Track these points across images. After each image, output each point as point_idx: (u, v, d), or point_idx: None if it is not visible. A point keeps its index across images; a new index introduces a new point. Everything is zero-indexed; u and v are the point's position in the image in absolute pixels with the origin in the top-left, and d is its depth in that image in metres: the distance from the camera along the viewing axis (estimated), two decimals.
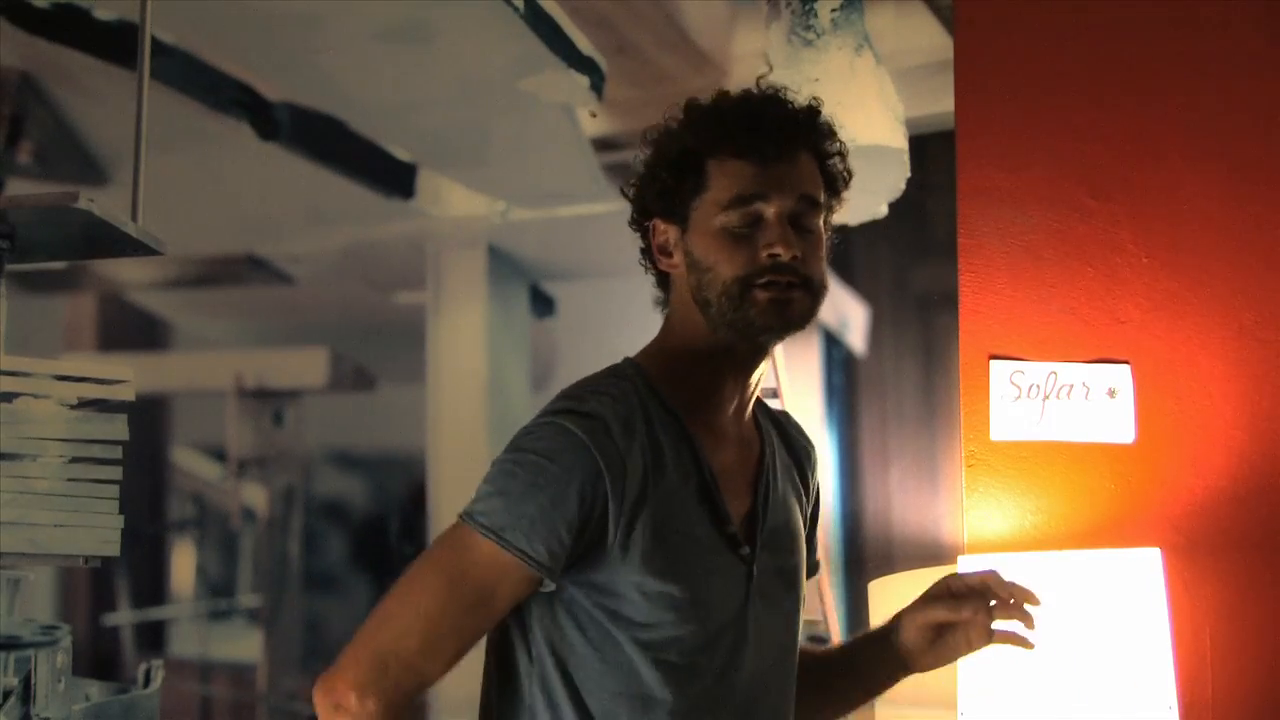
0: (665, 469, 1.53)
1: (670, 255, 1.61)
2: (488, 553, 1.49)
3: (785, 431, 1.74)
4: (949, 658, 1.69)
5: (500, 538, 1.48)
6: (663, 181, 1.60)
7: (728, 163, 1.56)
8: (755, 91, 1.62)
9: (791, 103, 1.61)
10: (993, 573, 1.67)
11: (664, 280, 1.64)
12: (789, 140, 1.57)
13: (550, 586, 1.51)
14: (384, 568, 2.92)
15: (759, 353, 1.61)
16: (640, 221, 1.64)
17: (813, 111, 1.62)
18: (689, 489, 1.55)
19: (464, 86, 2.92)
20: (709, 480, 1.56)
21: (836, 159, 1.62)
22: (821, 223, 1.60)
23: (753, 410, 1.67)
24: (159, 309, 3.04)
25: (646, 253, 1.64)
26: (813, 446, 1.77)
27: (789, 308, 1.55)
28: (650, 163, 1.64)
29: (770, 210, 1.55)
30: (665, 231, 1.61)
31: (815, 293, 1.58)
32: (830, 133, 1.62)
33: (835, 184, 1.62)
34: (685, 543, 1.54)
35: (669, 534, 1.52)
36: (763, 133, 1.56)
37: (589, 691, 1.52)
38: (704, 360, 1.60)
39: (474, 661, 1.57)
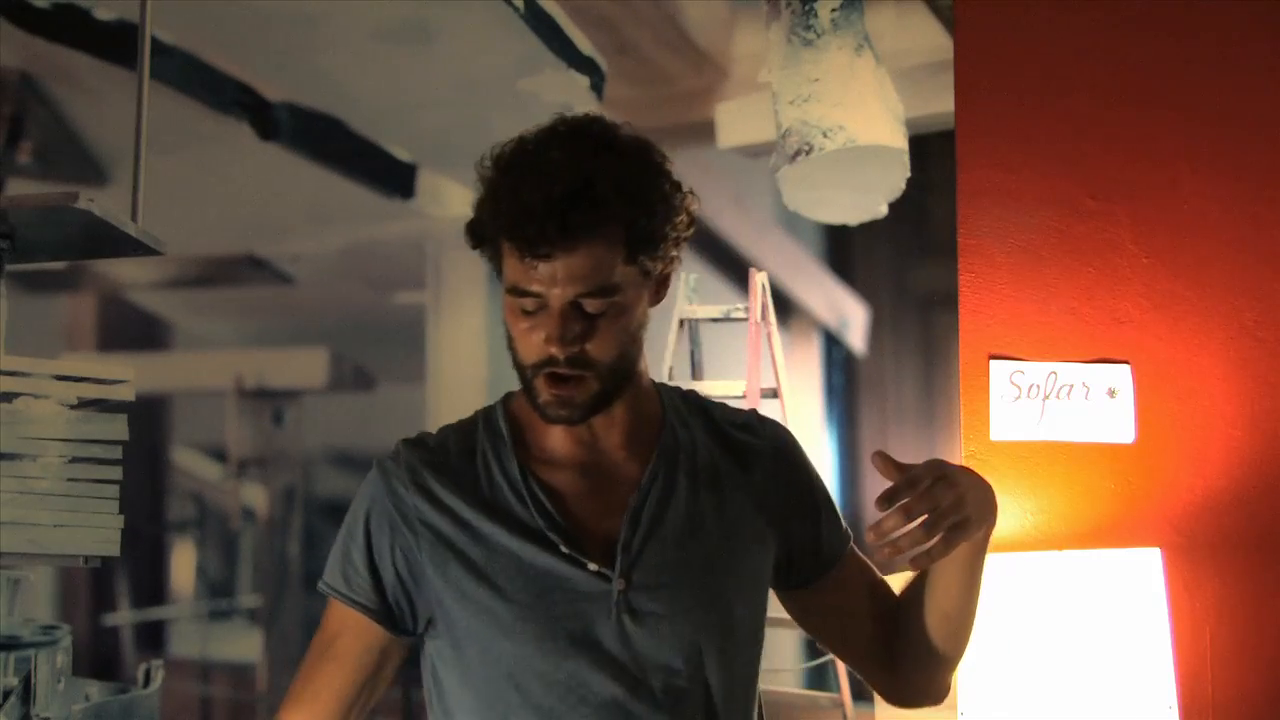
0: (480, 496, 1.54)
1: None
2: (330, 606, 1.60)
3: (724, 434, 1.64)
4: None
5: (327, 586, 1.60)
6: (475, 233, 1.54)
7: (508, 245, 1.47)
8: (538, 163, 1.46)
9: (577, 175, 1.44)
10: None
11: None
12: (560, 235, 1.43)
13: (404, 629, 1.56)
14: None
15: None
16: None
17: (598, 178, 1.45)
18: (511, 513, 1.54)
19: (464, 86, 2.92)
20: (531, 508, 1.53)
21: (642, 220, 1.47)
22: (628, 287, 1.49)
23: (665, 418, 1.61)
24: (159, 309, 3.05)
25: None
26: (767, 436, 1.65)
27: (572, 400, 1.49)
28: (476, 208, 1.54)
29: (548, 304, 1.47)
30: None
31: (605, 376, 1.50)
32: (629, 193, 1.46)
33: (643, 243, 1.48)
34: (493, 563, 1.52)
35: (480, 556, 1.53)
36: (529, 227, 1.43)
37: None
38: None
39: None
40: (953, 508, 1.46)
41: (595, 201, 1.44)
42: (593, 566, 1.52)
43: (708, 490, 1.59)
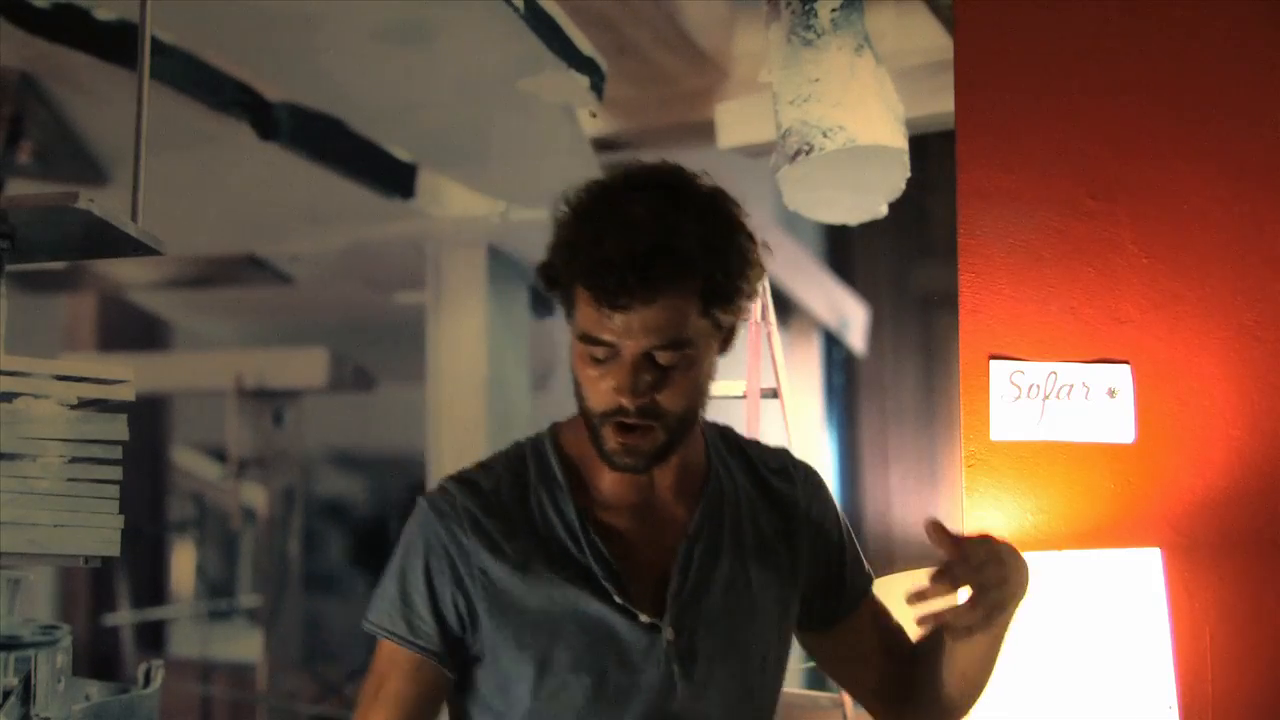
0: (535, 541, 1.55)
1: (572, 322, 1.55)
2: (380, 646, 1.57)
3: (763, 480, 1.66)
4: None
5: (377, 627, 1.57)
6: (548, 278, 1.54)
7: (583, 292, 1.47)
8: (621, 214, 1.46)
9: (660, 229, 1.45)
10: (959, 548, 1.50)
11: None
12: (639, 293, 1.43)
13: (450, 673, 1.56)
14: (383, 568, 2.92)
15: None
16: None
17: (683, 235, 1.45)
18: (568, 556, 1.54)
19: (464, 86, 2.92)
20: (589, 556, 1.55)
21: (719, 276, 1.47)
22: (700, 341, 1.49)
23: (709, 460, 1.63)
24: (159, 309, 3.04)
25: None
26: (800, 482, 1.68)
27: (639, 449, 1.50)
28: (549, 253, 1.54)
29: (621, 353, 1.47)
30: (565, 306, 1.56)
31: (673, 426, 1.50)
32: (712, 248, 1.47)
33: (718, 299, 1.48)
34: (549, 611, 1.53)
35: (536, 604, 1.53)
36: (610, 279, 1.43)
37: None
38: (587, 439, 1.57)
39: None
40: (998, 587, 1.49)
41: (677, 257, 1.44)
42: (644, 619, 1.54)
43: (751, 540, 1.62)
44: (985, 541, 1.52)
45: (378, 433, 3.01)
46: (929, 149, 2.71)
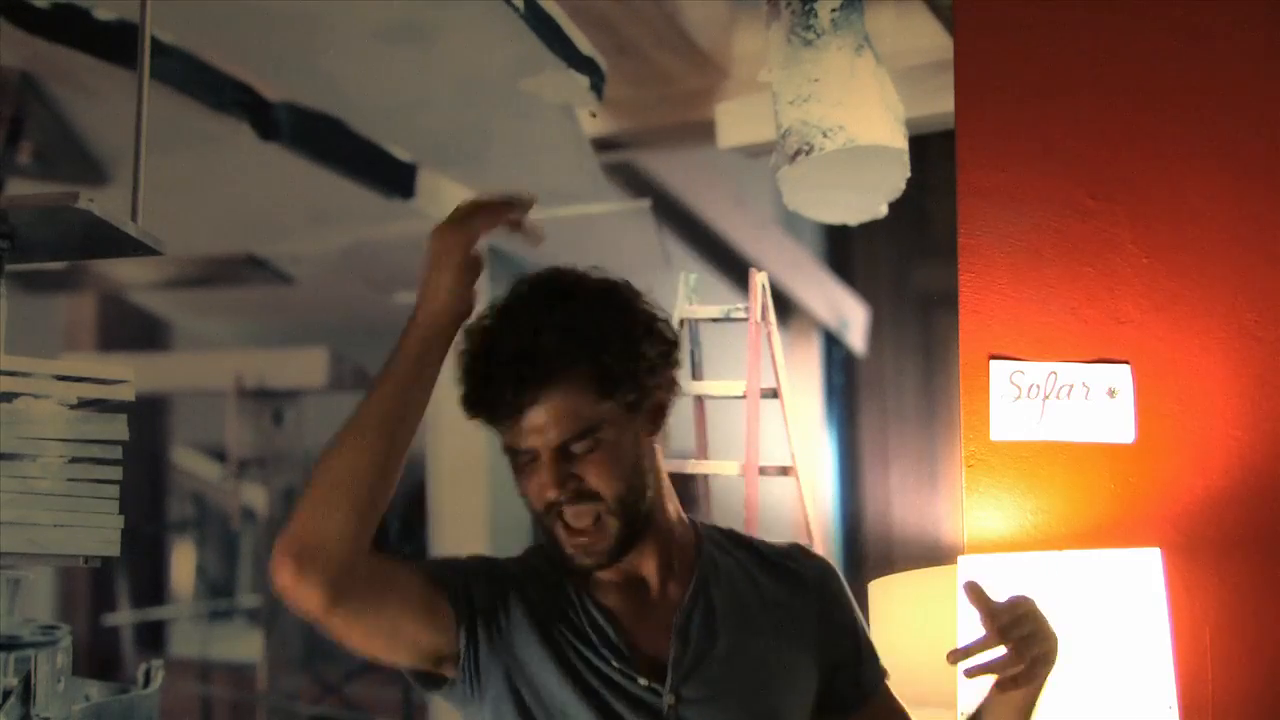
0: (544, 616, 1.57)
1: None
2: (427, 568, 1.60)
3: (768, 561, 1.68)
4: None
5: (431, 563, 1.64)
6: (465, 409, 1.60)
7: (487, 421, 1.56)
8: (493, 323, 1.56)
9: (526, 331, 1.52)
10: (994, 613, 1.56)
11: None
12: (516, 396, 1.50)
13: (452, 643, 1.55)
14: None
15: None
16: None
17: (556, 329, 1.52)
18: (571, 632, 1.57)
19: (464, 86, 2.92)
20: (587, 624, 1.57)
21: (606, 357, 1.51)
22: (616, 422, 1.52)
23: (699, 543, 1.65)
24: (159, 309, 3.04)
25: None
26: (809, 567, 1.70)
27: (594, 549, 1.54)
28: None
29: (535, 452, 1.52)
30: None
31: (621, 511, 1.53)
32: (593, 334, 1.52)
33: (622, 379, 1.52)
34: (549, 682, 1.55)
35: (530, 674, 1.55)
36: (489, 396, 1.53)
37: None
38: None
39: None
40: (1036, 641, 1.57)
41: (545, 354, 1.50)
42: (643, 682, 1.55)
43: (754, 609, 1.63)
44: (1018, 603, 1.59)
45: None
46: (929, 149, 2.71)
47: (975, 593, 1.54)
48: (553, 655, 1.56)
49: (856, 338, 2.78)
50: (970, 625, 2.34)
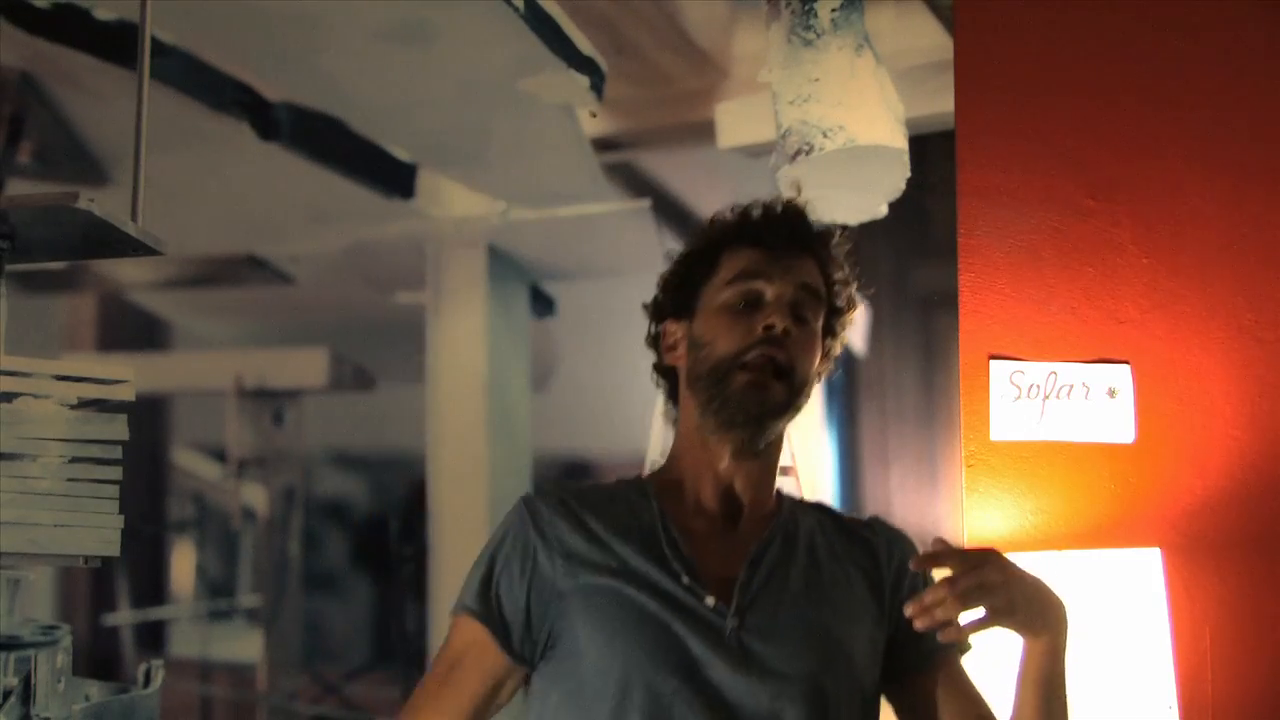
0: (616, 525, 1.64)
1: (676, 349, 1.71)
2: (455, 624, 1.68)
3: (844, 526, 1.74)
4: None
5: (457, 606, 1.68)
6: (678, 275, 1.72)
7: (739, 250, 1.69)
8: (774, 200, 1.74)
9: (810, 216, 1.73)
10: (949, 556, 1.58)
11: (674, 387, 1.74)
12: (797, 235, 1.69)
13: (520, 655, 1.63)
14: (384, 568, 2.92)
15: (738, 452, 1.66)
16: (653, 333, 1.75)
17: (828, 232, 1.74)
18: (642, 550, 1.62)
19: (464, 86, 2.92)
20: (661, 538, 1.63)
21: (839, 285, 1.72)
22: (819, 326, 1.69)
23: (780, 504, 1.72)
24: (159, 309, 3.04)
25: (656, 363, 1.76)
26: (884, 533, 1.75)
27: (765, 394, 1.62)
28: (669, 271, 1.75)
29: (771, 291, 1.65)
30: (674, 331, 1.72)
31: (794, 389, 1.64)
32: (839, 260, 1.73)
33: (836, 304, 1.72)
34: (628, 577, 1.60)
35: (612, 568, 1.61)
36: (773, 224, 1.69)
37: None
38: (692, 451, 1.69)
39: None
40: (993, 587, 1.54)
41: (826, 239, 1.73)
42: (710, 600, 1.60)
43: (826, 562, 1.68)
44: (989, 551, 1.60)
45: (378, 433, 3.01)
46: (929, 149, 2.71)
47: (940, 546, 1.57)
48: (618, 568, 1.61)
49: (856, 338, 2.78)
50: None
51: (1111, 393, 2.54)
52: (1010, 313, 2.59)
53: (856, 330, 2.79)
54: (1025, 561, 2.39)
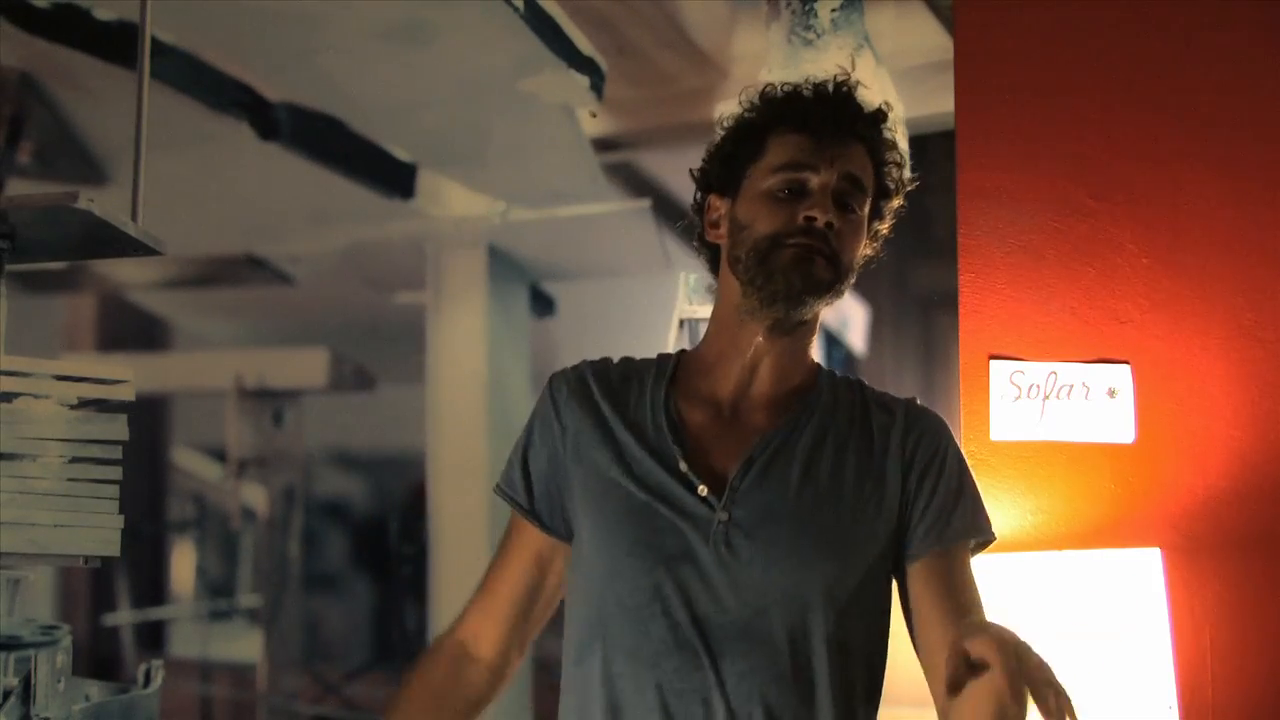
0: (623, 408, 1.66)
1: (718, 227, 1.70)
2: (511, 514, 1.73)
3: (866, 411, 1.71)
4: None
5: (497, 488, 1.74)
6: (725, 153, 1.71)
7: (785, 135, 1.65)
8: (824, 81, 1.69)
9: (860, 99, 1.69)
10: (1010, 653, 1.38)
11: (715, 261, 1.73)
12: (845, 122, 1.65)
13: (555, 530, 1.68)
14: (384, 568, 2.92)
15: (772, 330, 1.65)
16: (698, 201, 1.75)
17: (879, 113, 1.69)
18: (639, 436, 1.64)
19: (464, 86, 2.92)
20: (663, 423, 1.64)
21: (891, 167, 1.70)
22: (865, 213, 1.67)
23: (818, 382, 1.71)
24: (159, 309, 3.05)
25: (700, 234, 1.74)
26: (903, 417, 1.70)
27: (811, 267, 1.60)
28: (717, 143, 1.74)
29: (815, 181, 1.62)
30: (717, 207, 1.71)
31: (840, 271, 1.63)
32: (891, 140, 1.70)
33: (886, 187, 1.70)
34: (624, 465, 1.62)
35: (609, 453, 1.64)
36: (822, 110, 1.65)
37: (570, 633, 1.65)
38: (724, 332, 1.69)
39: None
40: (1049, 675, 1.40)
41: (876, 122, 1.68)
42: (702, 490, 1.59)
43: (833, 452, 1.64)
44: (1011, 642, 1.40)
45: (378, 433, 3.01)
46: (929, 149, 2.71)
47: (966, 647, 1.39)
48: (619, 456, 1.63)
49: (856, 338, 2.78)
50: None
51: (1111, 393, 2.54)
52: (1010, 313, 2.59)
53: (856, 330, 2.79)
54: (1025, 562, 2.40)
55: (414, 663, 1.76)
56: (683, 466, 1.60)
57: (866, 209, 1.68)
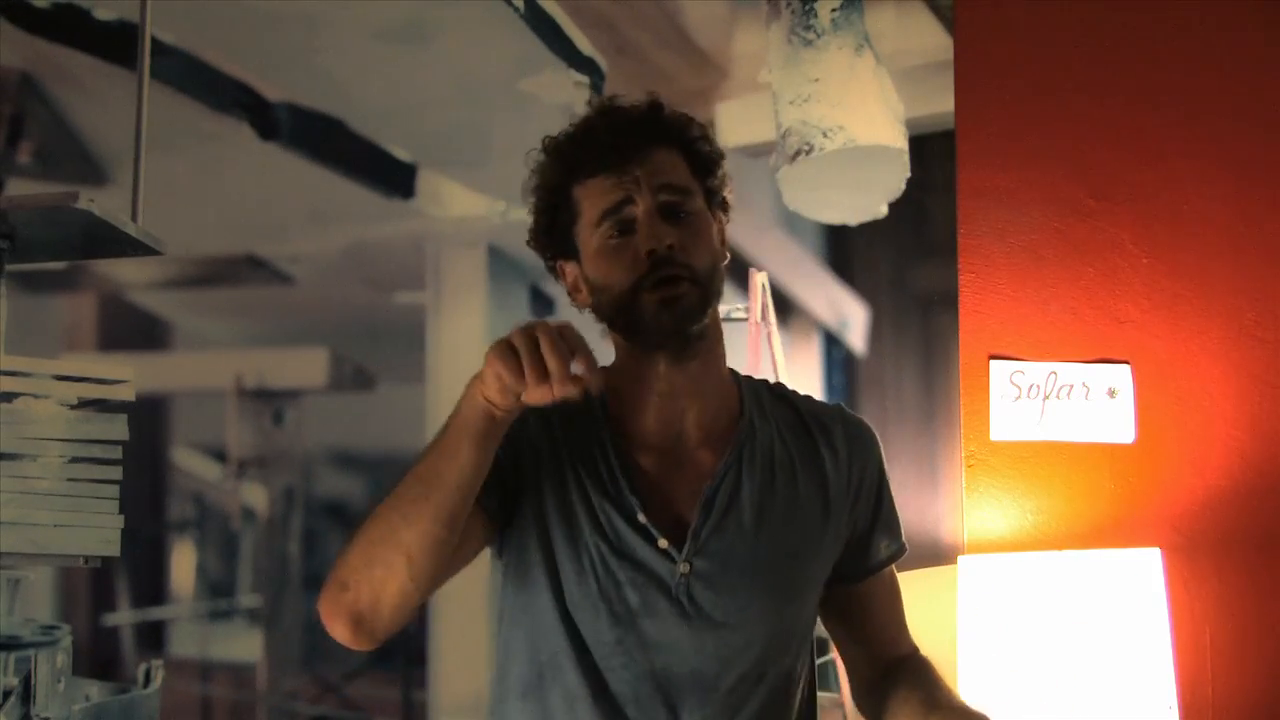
0: (574, 462, 1.59)
1: (580, 291, 1.64)
2: None
3: (806, 429, 1.68)
4: None
5: None
6: (544, 223, 1.65)
7: (587, 183, 1.60)
8: (597, 112, 1.64)
9: (628, 106, 1.63)
10: None
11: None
12: (632, 141, 1.59)
13: (488, 517, 1.58)
14: None
15: (674, 359, 1.60)
16: (551, 269, 1.69)
17: (655, 106, 1.63)
18: (594, 484, 1.58)
19: (464, 86, 2.92)
20: (618, 473, 1.59)
21: (699, 141, 1.63)
22: (703, 206, 1.61)
23: (743, 406, 1.66)
24: (159, 309, 3.05)
25: (570, 296, 1.67)
26: (843, 435, 1.69)
27: (676, 304, 1.56)
28: (532, 209, 1.68)
29: (638, 211, 1.57)
30: (570, 272, 1.65)
31: (704, 283, 1.57)
32: (682, 119, 1.64)
33: (706, 165, 1.63)
34: (580, 514, 1.57)
35: (566, 500, 1.58)
36: (605, 143, 1.59)
37: (511, 665, 1.61)
38: (629, 374, 1.63)
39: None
40: None
41: (657, 117, 1.61)
42: (662, 543, 1.57)
43: (783, 486, 1.63)
44: None
45: (378, 433, 3.01)
46: (929, 149, 2.71)
47: None
48: (576, 502, 1.58)
49: (856, 338, 2.78)
50: (970, 626, 2.36)
51: (1111, 393, 2.54)
52: (1010, 313, 2.59)
53: (857, 330, 2.79)
54: (1025, 562, 2.40)
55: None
56: (641, 518, 1.57)
57: (699, 198, 1.61)
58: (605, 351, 1.64)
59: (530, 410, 1.48)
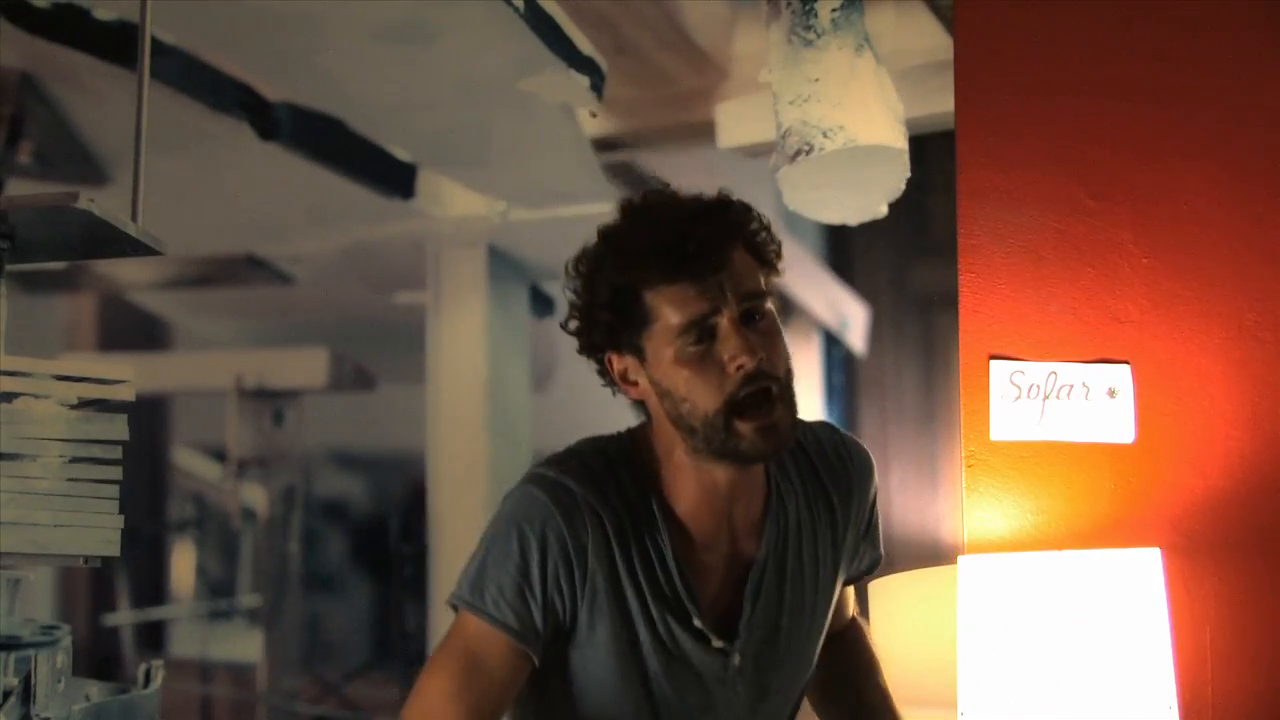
0: (632, 573, 1.58)
1: (635, 384, 1.61)
2: (470, 621, 1.58)
3: (820, 482, 1.71)
4: None
5: (477, 610, 1.57)
6: (605, 321, 1.59)
7: (663, 290, 1.54)
8: (663, 207, 1.58)
9: (691, 201, 1.58)
10: None
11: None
12: (716, 249, 1.53)
13: (536, 659, 1.58)
14: (384, 568, 2.92)
15: (741, 467, 1.61)
16: (591, 354, 1.64)
17: (724, 203, 1.59)
18: (653, 592, 1.59)
19: (464, 86, 2.92)
20: (675, 578, 1.60)
21: (763, 234, 1.60)
22: (773, 306, 1.59)
23: (769, 480, 1.67)
24: (159, 309, 3.05)
25: (607, 378, 1.64)
26: (853, 470, 1.73)
27: (774, 432, 1.54)
28: (584, 301, 1.61)
29: (722, 321, 1.53)
30: (622, 362, 1.61)
31: (790, 399, 1.56)
32: (748, 213, 1.60)
33: (769, 259, 1.60)
34: (632, 633, 1.59)
35: (618, 622, 1.58)
36: (689, 252, 1.52)
37: None
38: (691, 471, 1.61)
39: None
40: None
41: (729, 218, 1.56)
42: (717, 644, 1.61)
43: (806, 547, 1.68)
44: None
45: (378, 433, 3.01)
46: (929, 149, 2.71)
47: None
48: (629, 605, 1.58)
49: (856, 338, 2.78)
50: (970, 626, 2.35)
51: (1111, 393, 2.54)
52: (1010, 313, 2.59)
53: (856, 330, 2.79)
54: (1025, 562, 2.40)
55: None
56: (697, 623, 1.60)
57: (770, 299, 1.59)
58: (621, 413, 1.64)
59: (589, 529, 1.53)
